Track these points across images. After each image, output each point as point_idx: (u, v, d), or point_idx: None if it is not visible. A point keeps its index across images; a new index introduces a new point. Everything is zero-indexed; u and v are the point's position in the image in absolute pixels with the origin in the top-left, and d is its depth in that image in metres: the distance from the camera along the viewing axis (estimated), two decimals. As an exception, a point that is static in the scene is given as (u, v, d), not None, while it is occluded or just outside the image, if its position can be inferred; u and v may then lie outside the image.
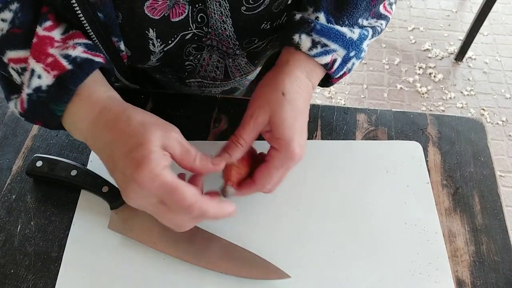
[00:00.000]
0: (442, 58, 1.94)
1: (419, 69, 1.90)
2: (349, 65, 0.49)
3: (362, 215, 0.52)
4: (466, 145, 0.59)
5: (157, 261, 0.48)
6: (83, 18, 0.43)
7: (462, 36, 1.93)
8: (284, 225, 0.51)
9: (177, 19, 0.48)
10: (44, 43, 0.42)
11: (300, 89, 0.46)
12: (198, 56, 0.56)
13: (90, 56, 0.43)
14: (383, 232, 0.51)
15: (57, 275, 0.48)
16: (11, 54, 0.42)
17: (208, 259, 0.48)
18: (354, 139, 0.59)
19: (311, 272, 0.48)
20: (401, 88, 1.84)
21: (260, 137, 0.47)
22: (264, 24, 0.51)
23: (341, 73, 0.49)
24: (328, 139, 0.59)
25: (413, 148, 0.58)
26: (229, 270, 0.47)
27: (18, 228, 0.51)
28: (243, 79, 0.65)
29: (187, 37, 0.51)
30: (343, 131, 0.59)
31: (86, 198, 0.53)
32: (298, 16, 0.47)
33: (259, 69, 0.69)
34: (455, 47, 1.97)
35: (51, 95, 0.41)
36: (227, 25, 0.50)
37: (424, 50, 1.97)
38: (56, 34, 0.43)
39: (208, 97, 0.62)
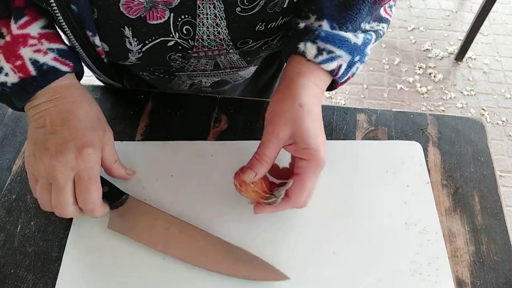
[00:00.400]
0: (442, 58, 1.94)
1: (419, 69, 1.90)
2: (353, 69, 0.49)
3: (362, 215, 0.52)
4: (466, 145, 0.59)
5: (157, 261, 0.48)
6: (56, 10, 0.44)
7: (462, 36, 1.93)
8: (284, 225, 0.51)
9: (154, 22, 0.48)
10: (17, 43, 0.45)
11: (313, 97, 0.47)
12: (185, 62, 0.57)
13: (57, 65, 0.47)
14: (383, 232, 0.51)
15: (57, 275, 0.48)
16: None
17: (208, 260, 0.48)
18: (354, 139, 0.59)
19: (311, 272, 0.48)
20: (401, 88, 1.84)
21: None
22: (258, 26, 0.51)
23: (346, 77, 0.50)
24: (328, 139, 0.58)
25: (413, 148, 0.58)
26: (229, 271, 0.47)
27: (18, 228, 0.51)
28: (234, 73, 0.65)
29: (170, 44, 0.51)
30: (343, 131, 0.59)
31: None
32: (302, 24, 0.47)
33: (253, 68, 0.69)
34: (455, 47, 1.97)
35: (13, 92, 0.46)
36: (221, 28, 0.50)
37: (424, 50, 1.97)
38: (33, 29, 0.46)
39: (208, 97, 0.62)
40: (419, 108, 1.77)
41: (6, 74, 0.46)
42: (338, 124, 0.60)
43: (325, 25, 0.46)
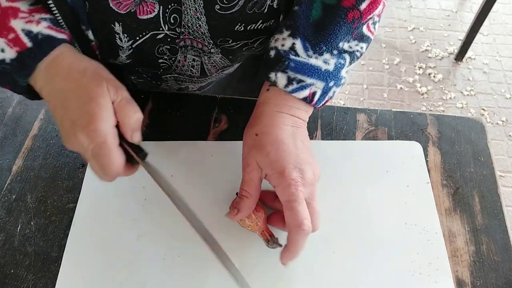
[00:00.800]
0: (442, 58, 1.94)
1: (419, 69, 1.90)
2: (330, 93, 0.50)
3: (362, 215, 0.52)
4: (466, 145, 0.59)
5: (157, 262, 0.48)
6: (51, 1, 0.44)
7: (462, 36, 1.93)
8: (284, 225, 0.51)
9: (145, 17, 0.48)
10: (6, 15, 0.43)
11: (275, 122, 0.47)
12: (173, 58, 0.57)
13: (52, 33, 0.44)
14: (383, 232, 0.51)
15: (57, 275, 0.48)
16: None
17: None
18: (354, 139, 0.59)
19: (311, 272, 0.48)
20: (401, 88, 1.84)
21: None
22: (238, 26, 0.51)
23: (323, 102, 0.50)
24: (328, 139, 0.59)
25: (413, 148, 0.58)
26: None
27: (18, 228, 0.51)
28: (219, 73, 0.65)
29: (159, 36, 0.51)
30: (343, 131, 0.59)
31: (86, 198, 0.53)
32: (272, 52, 0.47)
33: (237, 64, 0.69)
34: (455, 47, 1.97)
35: (14, 69, 0.44)
36: (202, 22, 0.50)
37: (424, 50, 1.97)
38: (22, 5, 0.44)
39: (208, 97, 0.62)
40: (419, 108, 1.77)
41: (3, 50, 0.43)
42: (338, 124, 0.60)
43: (298, 44, 0.47)
